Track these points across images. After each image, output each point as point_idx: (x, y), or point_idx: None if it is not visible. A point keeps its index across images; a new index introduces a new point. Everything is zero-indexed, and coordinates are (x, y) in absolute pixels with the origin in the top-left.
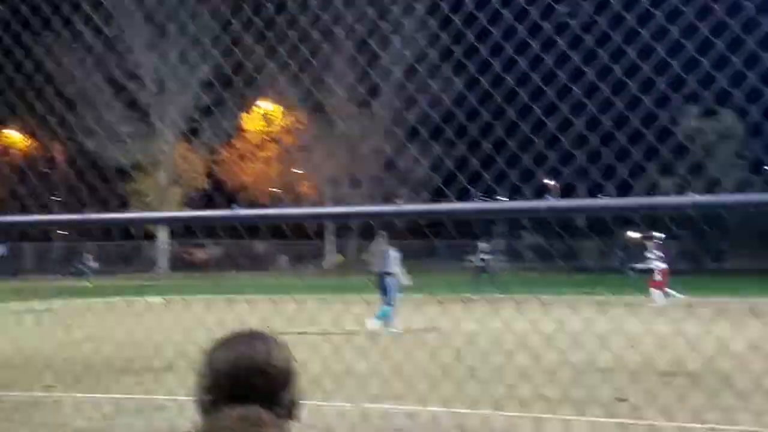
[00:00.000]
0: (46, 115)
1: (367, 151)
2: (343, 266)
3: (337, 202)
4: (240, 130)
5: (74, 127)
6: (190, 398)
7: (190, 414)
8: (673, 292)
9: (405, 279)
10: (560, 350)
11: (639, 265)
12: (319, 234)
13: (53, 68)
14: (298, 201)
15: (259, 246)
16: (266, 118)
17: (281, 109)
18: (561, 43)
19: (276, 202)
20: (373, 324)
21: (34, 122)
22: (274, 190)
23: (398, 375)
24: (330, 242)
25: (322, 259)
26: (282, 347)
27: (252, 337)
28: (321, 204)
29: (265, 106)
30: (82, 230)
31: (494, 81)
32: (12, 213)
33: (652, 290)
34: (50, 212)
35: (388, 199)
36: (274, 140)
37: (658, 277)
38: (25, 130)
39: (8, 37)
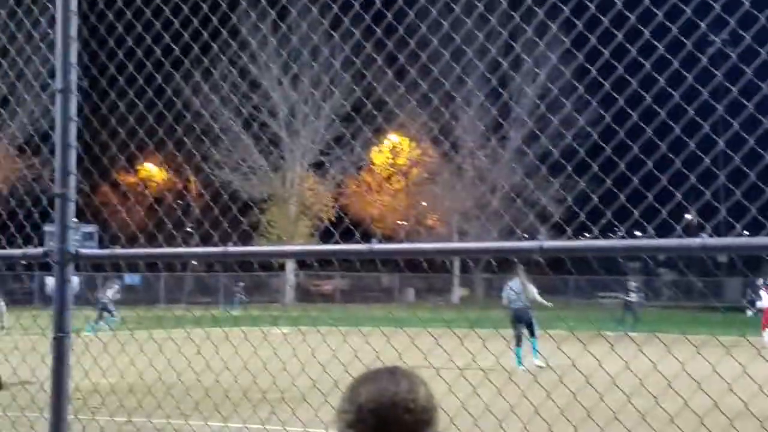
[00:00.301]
0: (192, 149)
1: (501, 185)
2: (468, 300)
3: (465, 235)
4: (369, 162)
5: (213, 160)
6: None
7: None
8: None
9: (546, 303)
10: (711, 394)
11: (758, 305)
12: (447, 267)
13: (198, 105)
14: (425, 234)
15: (385, 278)
16: (393, 150)
17: (408, 141)
18: (718, 74)
19: (404, 234)
20: (534, 361)
21: (177, 156)
22: (401, 222)
23: (538, 416)
24: (455, 275)
25: (449, 293)
26: (423, 384)
27: (394, 373)
28: (449, 237)
29: (392, 138)
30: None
31: (644, 114)
32: (152, 245)
33: None
34: (187, 244)
35: (523, 234)
36: (402, 173)
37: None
38: (164, 163)
39: (161, 78)
